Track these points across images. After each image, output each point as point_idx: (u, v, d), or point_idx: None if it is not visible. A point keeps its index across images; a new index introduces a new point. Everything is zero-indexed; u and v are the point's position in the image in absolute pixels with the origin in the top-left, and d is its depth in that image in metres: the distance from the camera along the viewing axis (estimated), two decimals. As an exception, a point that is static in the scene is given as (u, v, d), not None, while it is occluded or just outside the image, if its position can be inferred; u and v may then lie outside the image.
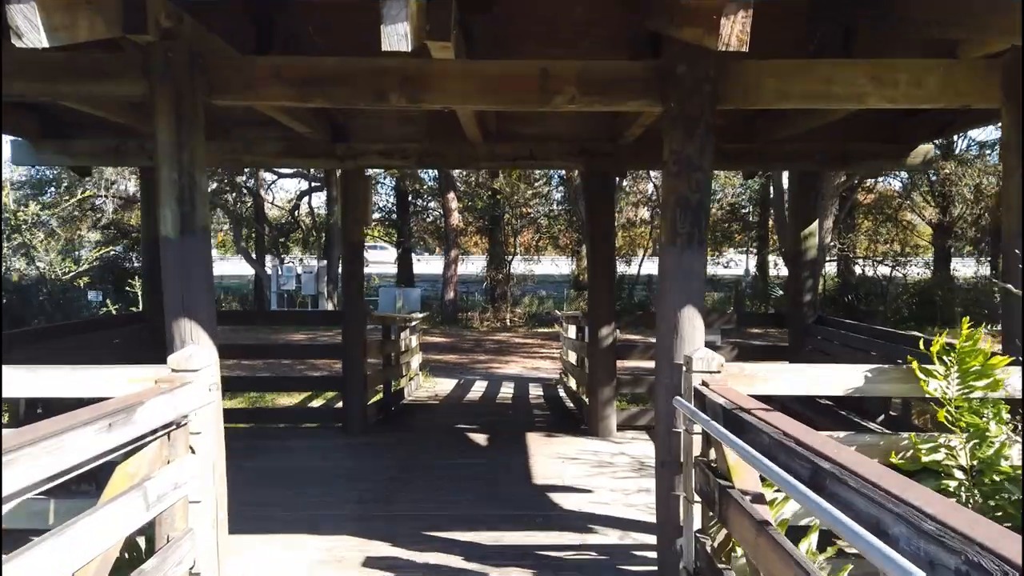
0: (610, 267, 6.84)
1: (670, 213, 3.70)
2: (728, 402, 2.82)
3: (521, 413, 8.47)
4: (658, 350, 3.82)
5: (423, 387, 10.98)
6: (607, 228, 6.81)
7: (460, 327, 21.90)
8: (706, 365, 3.31)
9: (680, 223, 3.65)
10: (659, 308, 3.82)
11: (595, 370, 6.86)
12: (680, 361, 3.59)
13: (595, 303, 6.86)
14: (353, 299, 6.90)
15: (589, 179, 6.82)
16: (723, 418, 2.82)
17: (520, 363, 14.30)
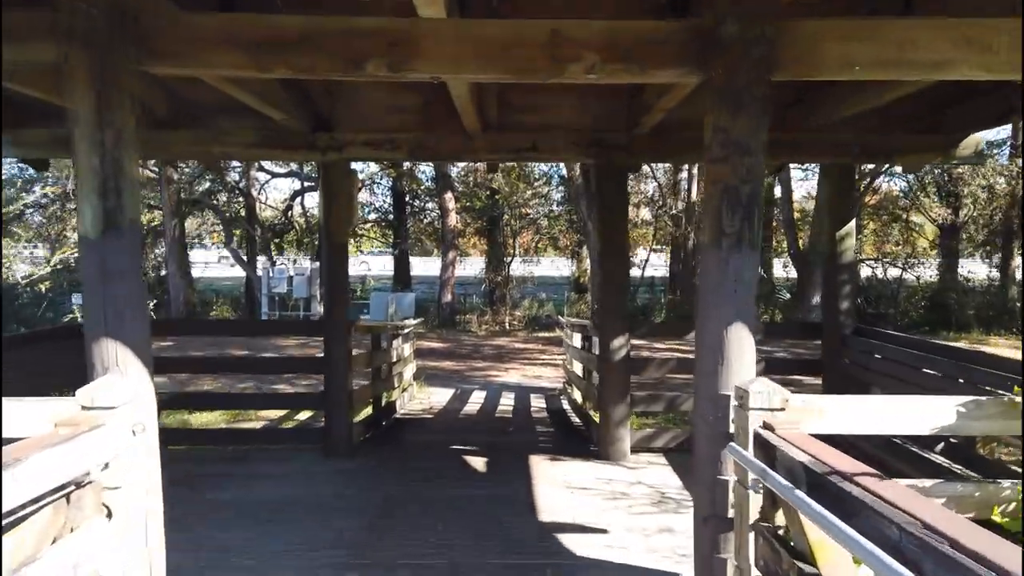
0: (622, 271, 6.12)
1: (714, 208, 2.98)
2: (813, 460, 2.10)
3: (523, 430, 7.75)
4: (697, 377, 3.10)
5: (417, 398, 10.25)
6: (620, 228, 6.09)
7: (458, 331, 21.17)
8: (767, 400, 2.59)
9: (727, 220, 2.93)
10: (699, 325, 3.10)
11: (605, 386, 6.14)
12: (727, 392, 2.88)
13: (605, 312, 6.14)
14: (336, 307, 6.18)
15: (600, 174, 6.10)
16: (806, 482, 2.10)
17: (520, 370, 13.59)
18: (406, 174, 27.69)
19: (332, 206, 6.14)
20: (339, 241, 6.15)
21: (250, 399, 6.88)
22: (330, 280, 6.20)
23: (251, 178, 22.50)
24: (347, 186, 6.15)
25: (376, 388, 7.63)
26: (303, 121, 5.81)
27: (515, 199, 25.22)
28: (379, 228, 32.80)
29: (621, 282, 6.11)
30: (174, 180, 20.38)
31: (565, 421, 8.27)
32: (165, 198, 20.18)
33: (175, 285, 20.46)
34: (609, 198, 6.08)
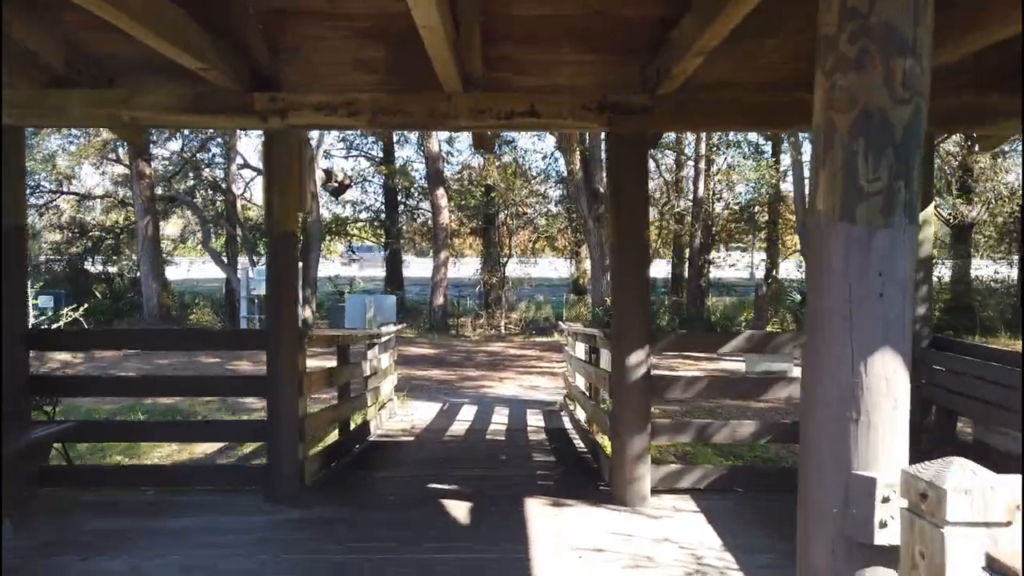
0: (642, 268, 4.87)
1: (841, 153, 1.74)
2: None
3: (518, 459, 6.49)
4: (806, 442, 1.84)
5: (397, 415, 8.99)
6: (638, 214, 4.84)
7: (450, 336, 19.93)
8: (981, 508, 1.34)
9: (867, 170, 1.69)
10: (810, 350, 1.84)
11: (620, 412, 4.89)
12: (868, 473, 1.62)
13: (622, 318, 4.89)
14: (282, 313, 4.92)
15: (615, 145, 4.86)
16: None
17: (516, 380, 12.34)
18: (398, 171, 26.47)
19: (276, 186, 4.89)
20: (285, 230, 4.90)
21: (172, 429, 5.48)
22: (274, 279, 4.95)
23: (232, 174, 21.23)
24: (295, 161, 4.91)
25: (342, 410, 6.38)
26: (236, 78, 4.56)
27: (511, 197, 23.97)
28: (371, 227, 31.61)
29: (640, 282, 4.86)
30: (147, 175, 19.11)
31: (568, 446, 7.02)
32: (137, 193, 18.90)
33: (148, 288, 19.19)
34: (625, 176, 4.84)
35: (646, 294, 4.91)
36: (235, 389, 5.26)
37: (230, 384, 5.22)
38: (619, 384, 4.88)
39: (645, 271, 4.92)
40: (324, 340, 5.82)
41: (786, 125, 4.60)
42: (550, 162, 27.01)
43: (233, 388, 5.27)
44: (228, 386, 5.20)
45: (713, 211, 23.04)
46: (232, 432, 5.15)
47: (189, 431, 5.13)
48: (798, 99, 4.77)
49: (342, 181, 24.40)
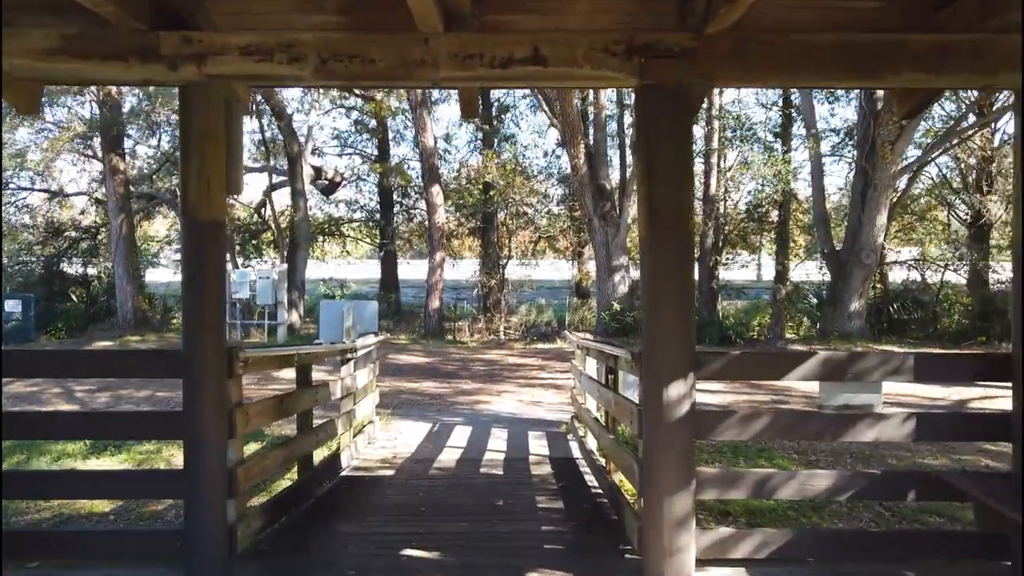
0: (684, 269, 3.63)
1: None
2: None
3: (518, 505, 5.24)
4: None
5: (378, 440, 7.76)
6: (680, 196, 3.60)
7: (445, 342, 18.70)
8: None
9: None
10: None
11: (657, 460, 3.65)
12: None
13: (657, 334, 3.64)
14: (202, 329, 3.69)
15: (648, 102, 3.63)
16: None
17: (516, 394, 11.11)
18: (393, 169, 25.28)
19: (193, 160, 3.66)
20: (206, 218, 3.67)
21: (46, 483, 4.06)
22: (192, 283, 3.71)
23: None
24: (221, 126, 3.68)
25: (301, 445, 5.14)
26: (137, 13, 3.34)
27: (511, 195, 22.75)
28: (366, 228, 30.41)
29: (682, 286, 3.63)
30: (121, 171, 17.90)
31: (579, 484, 5.77)
32: (110, 190, 17.68)
33: (122, 291, 17.96)
34: (662, 145, 3.61)
35: (688, 302, 3.68)
36: (140, 430, 4.00)
37: (132, 424, 3.95)
38: (654, 423, 3.64)
39: (688, 272, 3.68)
40: (271, 362, 4.58)
41: (876, 77, 3.35)
42: (551, 159, 25.87)
43: (137, 429, 4.02)
44: (130, 426, 3.95)
45: (724, 209, 21.81)
46: (135, 486, 3.87)
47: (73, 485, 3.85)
48: (899, 41, 3.55)
49: (332, 178, 23.20)
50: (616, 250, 17.83)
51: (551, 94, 17.15)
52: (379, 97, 21.24)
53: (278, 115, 18.57)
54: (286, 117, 18.63)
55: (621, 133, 22.24)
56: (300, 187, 19.11)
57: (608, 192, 17.97)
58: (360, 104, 25.34)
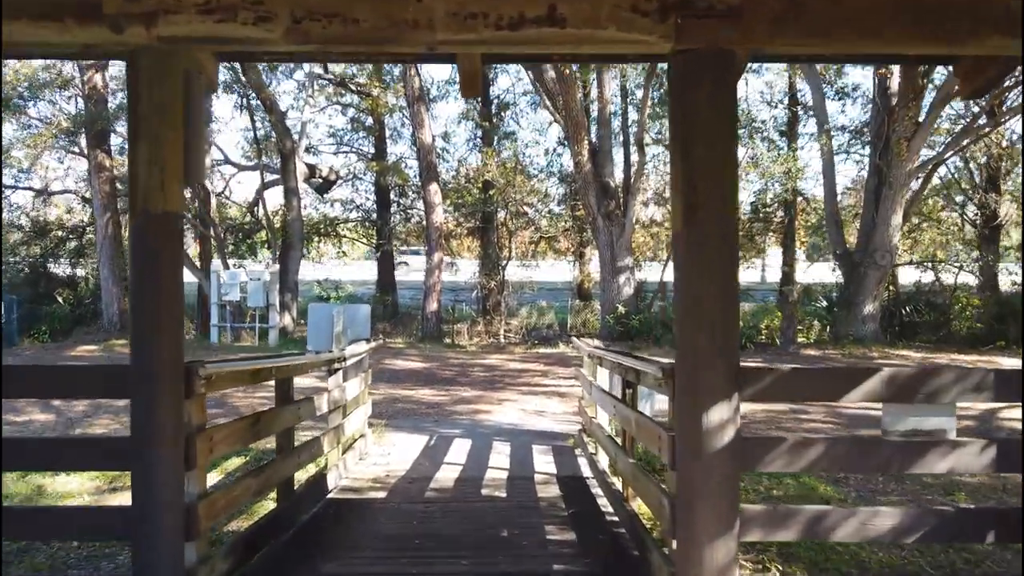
0: (727, 268, 3.03)
1: None
2: None
3: (524, 536, 4.64)
4: None
5: (370, 456, 7.16)
6: (721, 182, 3.01)
7: (444, 346, 18.11)
8: None
9: None
10: None
11: (693, 497, 3.06)
12: None
13: (694, 346, 3.05)
14: (153, 340, 3.10)
15: (682, 72, 3.04)
16: None
17: (518, 403, 10.51)
18: (391, 168, 24.68)
19: (143, 141, 3.07)
20: (157, 210, 3.07)
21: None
22: (140, 286, 3.12)
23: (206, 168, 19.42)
24: (176, 101, 3.09)
25: (280, 468, 4.54)
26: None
27: (511, 194, 22.15)
28: (363, 228, 29.78)
29: (724, 289, 3.03)
30: (107, 167, 17.28)
31: (591, 510, 5.18)
32: (96, 188, 17.07)
33: (108, 293, 17.35)
34: (701, 121, 3.02)
35: (732, 309, 3.08)
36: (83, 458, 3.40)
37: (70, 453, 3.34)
38: (691, 453, 3.05)
39: (732, 273, 3.09)
40: (240, 377, 3.96)
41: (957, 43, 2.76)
42: (552, 157, 25.28)
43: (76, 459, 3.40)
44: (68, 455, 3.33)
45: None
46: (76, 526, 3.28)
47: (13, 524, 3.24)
48: None
49: (327, 176, 22.59)
50: (621, 250, 17.24)
51: (553, 88, 16.56)
52: (375, 93, 20.66)
53: (269, 109, 17.97)
54: (277, 111, 18.03)
55: (625, 129, 21.65)
56: (293, 185, 18.52)
57: (612, 190, 17.39)
58: (357, 101, 24.76)
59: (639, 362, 3.92)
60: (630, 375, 4.39)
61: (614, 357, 4.84)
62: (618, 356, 4.68)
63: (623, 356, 4.55)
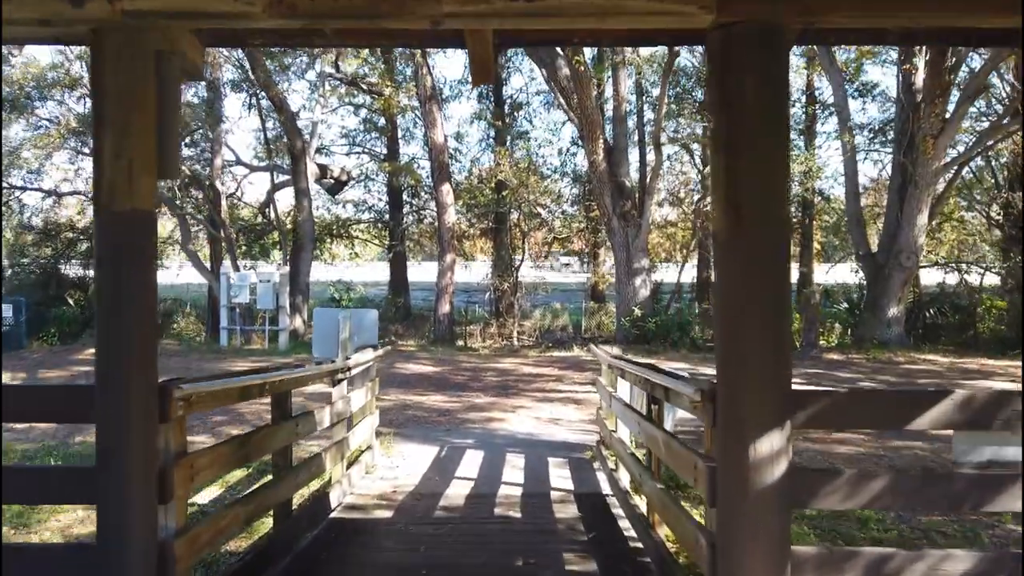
0: (778, 273, 2.63)
1: None
2: None
3: (541, 565, 4.25)
4: None
5: (377, 470, 6.79)
6: (773, 174, 2.61)
7: (456, 349, 17.75)
8: None
9: None
10: None
11: (740, 538, 2.66)
12: None
13: (739, 361, 2.63)
14: (121, 356, 2.73)
15: (724, 50, 2.64)
16: None
17: (532, 410, 10.12)
18: (403, 168, 24.37)
19: (110, 130, 2.71)
20: (126, 208, 2.70)
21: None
22: (109, 296, 2.75)
23: (216, 169, 19.17)
24: (147, 85, 2.72)
25: (276, 492, 4.17)
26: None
27: (524, 195, 21.75)
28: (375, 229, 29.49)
29: (775, 299, 2.62)
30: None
31: (614, 536, 4.78)
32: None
33: (116, 294, 17.10)
34: (747, 105, 2.62)
35: (784, 322, 2.68)
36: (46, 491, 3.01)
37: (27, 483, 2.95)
38: (736, 488, 2.65)
39: (783, 280, 2.68)
40: (227, 396, 3.57)
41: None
42: (566, 157, 24.88)
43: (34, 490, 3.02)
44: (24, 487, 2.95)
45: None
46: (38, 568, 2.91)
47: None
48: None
49: (338, 177, 22.28)
50: (637, 252, 16.80)
51: (568, 86, 16.15)
52: (387, 92, 20.33)
53: (279, 108, 17.68)
54: (287, 110, 17.74)
55: (641, 127, 21.21)
56: (304, 186, 18.22)
57: (628, 190, 16.97)
58: (369, 102, 24.47)
59: (669, 379, 3.51)
60: (657, 391, 3.98)
61: (638, 370, 4.44)
62: (643, 370, 4.28)
63: (649, 370, 4.15)
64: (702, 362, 14.77)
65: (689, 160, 22.45)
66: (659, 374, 3.77)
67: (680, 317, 17.03)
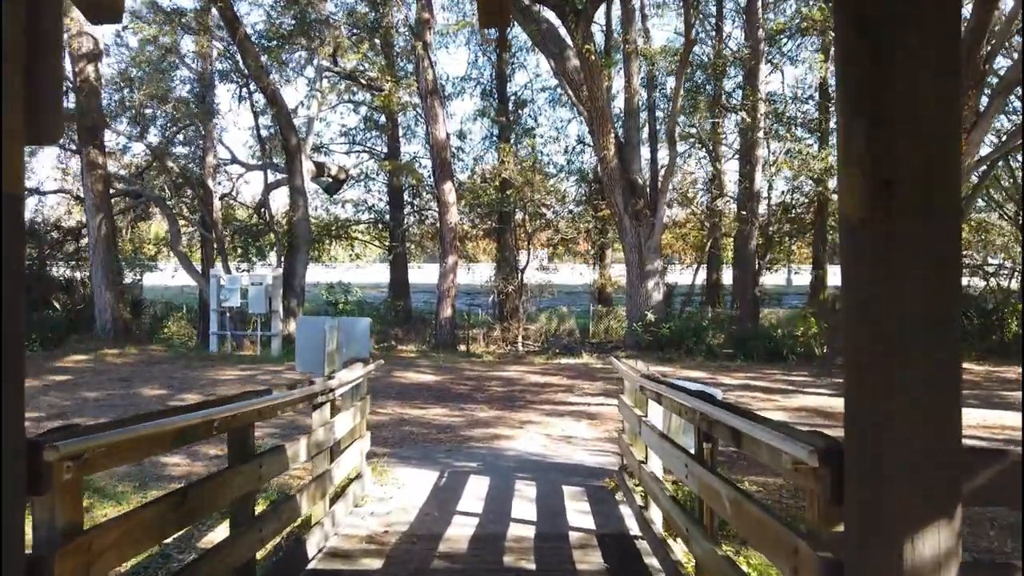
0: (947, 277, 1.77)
1: None
2: None
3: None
4: None
5: (367, 502, 5.91)
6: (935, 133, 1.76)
7: (458, 355, 16.88)
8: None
9: None
10: None
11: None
12: None
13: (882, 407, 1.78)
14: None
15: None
16: None
17: (541, 425, 9.24)
18: (404, 167, 23.50)
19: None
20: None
21: None
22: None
23: (208, 166, 18.31)
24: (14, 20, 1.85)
25: (232, 553, 3.29)
26: None
27: (529, 194, 20.87)
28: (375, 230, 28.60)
29: (938, 318, 1.75)
30: (100, 165, 16.19)
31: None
32: (87, 186, 16.00)
33: (101, 298, 16.26)
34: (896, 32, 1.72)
35: (954, 347, 1.79)
36: None
37: None
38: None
39: (952, 288, 1.80)
40: (148, 444, 2.63)
41: None
42: (572, 155, 24.02)
43: None
44: None
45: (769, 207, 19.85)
46: None
47: None
48: None
49: (336, 175, 21.43)
50: (650, 253, 15.91)
51: (577, 78, 15.29)
52: (387, 87, 19.47)
53: (271, 100, 16.80)
54: (280, 102, 16.85)
55: (652, 121, 20.31)
56: (299, 184, 17.37)
57: (640, 188, 16.08)
58: (369, 99, 23.64)
59: (743, 421, 2.61)
60: (719, 430, 3.10)
61: (688, 400, 3.54)
62: (695, 401, 3.39)
63: (703, 402, 3.26)
64: (719, 371, 13.91)
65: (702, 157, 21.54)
66: (730, 413, 2.87)
67: (695, 322, 16.14)
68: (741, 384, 12.30)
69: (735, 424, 2.70)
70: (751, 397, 11.05)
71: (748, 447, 2.70)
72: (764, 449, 2.46)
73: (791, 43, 20.78)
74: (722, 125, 21.07)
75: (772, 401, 10.81)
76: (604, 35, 20.78)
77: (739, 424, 2.63)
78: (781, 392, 11.62)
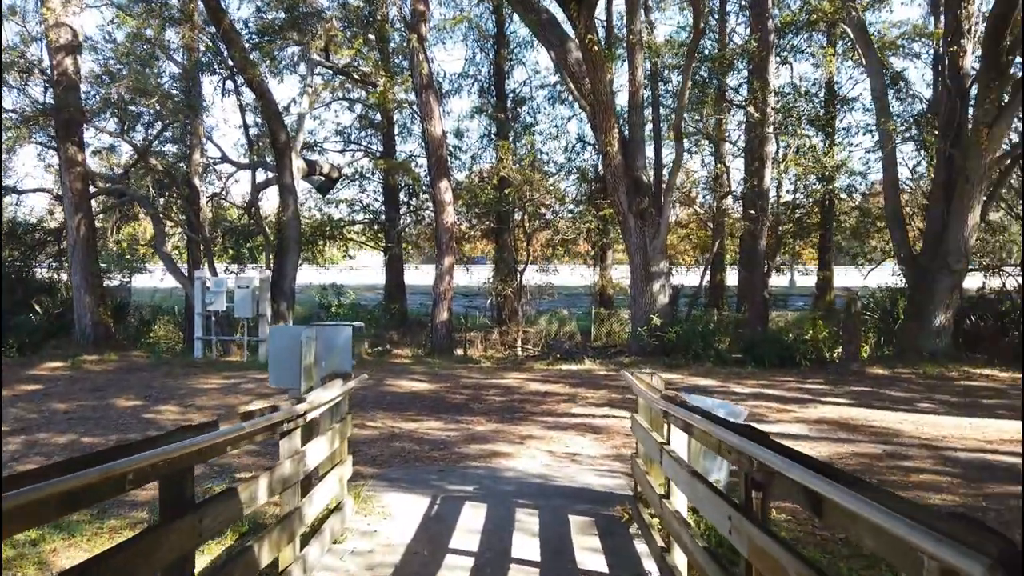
0: None
1: None
2: None
3: None
4: None
5: (347, 537, 5.20)
6: None
7: (454, 360, 16.16)
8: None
9: None
10: None
11: None
12: None
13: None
14: None
15: None
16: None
17: (543, 441, 8.53)
18: (399, 166, 22.79)
19: None
20: None
21: None
22: None
23: (195, 164, 17.59)
24: None
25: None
26: None
27: (528, 193, 20.17)
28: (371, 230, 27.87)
29: None
30: (79, 162, 15.45)
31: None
32: (66, 184, 15.26)
33: (80, 302, 15.52)
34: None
35: None
36: None
37: None
38: None
39: None
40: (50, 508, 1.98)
41: None
42: (572, 154, 23.31)
43: None
44: None
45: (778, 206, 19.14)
46: None
47: None
48: None
49: (328, 174, 20.71)
50: (655, 254, 15.20)
51: (579, 71, 14.58)
52: (381, 83, 18.76)
53: (258, 93, 16.06)
54: (268, 97, 16.10)
55: (656, 118, 19.60)
56: (289, 182, 16.64)
57: (645, 186, 15.37)
58: (363, 96, 22.92)
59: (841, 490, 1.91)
60: (780, 485, 2.39)
61: (729, 436, 2.84)
62: (744, 442, 2.68)
63: (756, 445, 2.56)
64: (729, 377, 13.20)
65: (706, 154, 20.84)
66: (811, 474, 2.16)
67: (702, 326, 15.42)
68: (753, 393, 11.59)
69: (819, 489, 1.99)
70: (766, 408, 10.34)
71: (836, 519, 2.00)
72: (871, 532, 1.75)
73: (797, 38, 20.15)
74: (727, 121, 20.41)
75: (789, 412, 10.10)
76: (605, 31, 20.10)
77: (827, 491, 1.92)
78: (797, 402, 10.92)
